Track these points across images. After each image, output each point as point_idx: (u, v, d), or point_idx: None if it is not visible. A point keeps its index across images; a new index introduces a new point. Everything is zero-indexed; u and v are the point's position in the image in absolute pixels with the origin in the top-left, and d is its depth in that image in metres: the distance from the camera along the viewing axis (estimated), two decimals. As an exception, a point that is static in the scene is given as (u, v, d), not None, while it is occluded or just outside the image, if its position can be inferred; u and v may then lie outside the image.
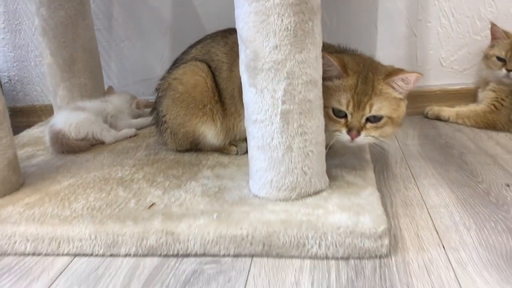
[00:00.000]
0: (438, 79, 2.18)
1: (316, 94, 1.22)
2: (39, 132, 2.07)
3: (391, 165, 1.67)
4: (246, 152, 1.56)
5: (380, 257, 1.12)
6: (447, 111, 2.08)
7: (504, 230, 1.21)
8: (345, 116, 1.32)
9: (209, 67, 1.59)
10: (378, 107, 1.29)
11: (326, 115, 1.31)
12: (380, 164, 1.66)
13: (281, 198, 1.26)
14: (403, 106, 1.35)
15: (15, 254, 1.25)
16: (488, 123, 1.95)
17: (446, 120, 2.08)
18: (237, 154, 1.65)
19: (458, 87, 2.17)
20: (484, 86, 2.03)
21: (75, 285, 1.11)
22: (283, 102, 1.18)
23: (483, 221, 1.26)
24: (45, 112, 2.40)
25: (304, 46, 1.15)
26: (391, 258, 1.12)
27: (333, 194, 1.28)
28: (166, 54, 2.28)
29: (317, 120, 1.25)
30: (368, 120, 1.31)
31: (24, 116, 2.33)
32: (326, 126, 1.31)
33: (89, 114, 1.82)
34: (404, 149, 1.81)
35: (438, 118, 2.10)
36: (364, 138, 1.32)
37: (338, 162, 1.50)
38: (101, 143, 1.84)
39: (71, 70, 1.98)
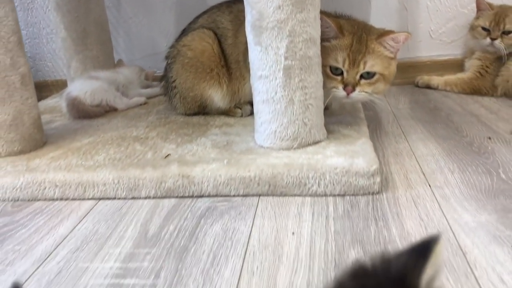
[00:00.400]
0: (428, 51, 2.32)
1: (315, 51, 1.36)
2: (54, 102, 2.20)
3: (383, 124, 1.81)
4: (250, 114, 1.71)
5: (373, 193, 1.27)
6: (436, 79, 2.22)
7: (483, 172, 1.36)
8: (341, 73, 1.45)
9: (215, 34, 1.73)
10: (371, 64, 1.43)
11: (324, 73, 1.45)
12: (374, 124, 1.80)
13: (284, 147, 1.40)
14: (393, 64, 1.49)
15: (45, 199, 1.39)
16: (474, 89, 2.10)
17: (435, 88, 2.22)
18: (241, 116, 1.78)
19: (446, 57, 2.31)
20: (470, 56, 2.17)
21: (102, 221, 1.25)
22: (286, 58, 1.32)
23: (465, 165, 1.41)
24: (56, 87, 2.52)
25: (304, 6, 1.29)
26: (382, 194, 1.27)
27: (331, 144, 1.42)
28: (171, 30, 2.41)
29: (316, 76, 1.38)
30: (362, 77, 1.45)
31: (36, 91, 2.45)
32: (324, 83, 1.45)
33: (102, 82, 1.94)
34: (396, 112, 1.95)
35: (428, 87, 2.24)
36: (358, 94, 1.46)
37: (335, 120, 1.64)
38: (114, 110, 1.97)
39: (84, 43, 2.10)
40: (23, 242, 1.17)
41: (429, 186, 1.30)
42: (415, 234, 1.07)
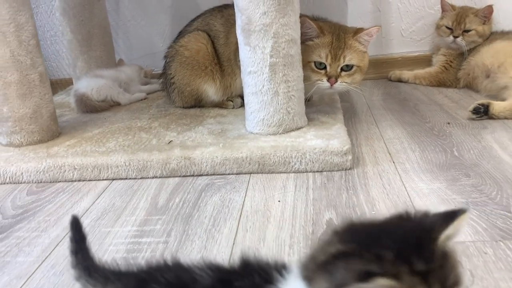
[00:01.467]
0: (399, 48, 2.57)
1: (296, 50, 1.59)
2: (61, 99, 2.41)
3: (358, 114, 2.05)
4: (241, 106, 1.94)
5: (346, 169, 1.51)
6: (407, 74, 2.47)
7: (440, 151, 1.60)
8: (325, 67, 1.68)
9: (209, 36, 1.95)
10: (350, 58, 1.67)
11: (310, 69, 1.69)
12: (349, 114, 2.04)
13: (271, 132, 1.64)
14: (366, 57, 1.74)
15: (65, 181, 1.61)
16: (440, 82, 2.35)
17: (406, 82, 2.46)
18: (233, 108, 2.01)
19: (416, 54, 2.56)
20: (437, 52, 2.42)
21: (117, 196, 1.47)
22: (271, 56, 1.55)
23: (425, 146, 1.65)
24: (60, 85, 2.72)
25: (286, 12, 1.52)
26: (353, 169, 1.51)
27: (311, 129, 1.66)
28: (167, 31, 2.63)
29: (297, 71, 1.62)
30: (342, 69, 1.69)
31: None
32: (309, 77, 1.69)
33: (107, 80, 2.16)
34: (370, 103, 2.20)
35: (399, 80, 2.49)
36: (340, 84, 1.70)
37: (315, 110, 1.87)
38: (118, 104, 2.18)
39: (88, 44, 2.32)
40: (51, 215, 1.39)
41: (393, 162, 1.53)
42: (378, 199, 1.31)
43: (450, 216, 0.53)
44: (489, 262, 1.01)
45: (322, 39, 1.67)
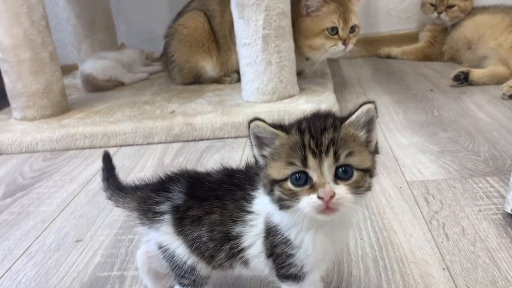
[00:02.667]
0: (387, 26, 2.70)
1: (286, 22, 1.73)
2: (67, 81, 2.53)
3: (348, 86, 2.18)
4: (237, 81, 2.07)
5: (335, 129, 1.64)
6: (395, 50, 2.61)
7: (422, 112, 1.74)
8: (336, 33, 1.81)
9: (206, 15, 2.09)
10: (354, 19, 1.82)
11: (324, 37, 1.81)
12: (340, 86, 2.17)
13: (265, 100, 1.77)
14: None
15: (77, 148, 1.74)
16: (426, 56, 2.48)
17: (394, 58, 2.60)
18: (230, 83, 2.14)
19: (403, 31, 2.70)
20: (422, 28, 2.55)
21: (126, 159, 1.61)
22: (263, 28, 1.69)
23: (408, 109, 1.79)
24: (64, 71, 2.83)
25: (276, -14, 1.66)
26: (342, 130, 1.64)
27: (302, 96, 1.79)
28: (165, 16, 2.75)
29: (288, 42, 1.75)
30: (349, 32, 1.82)
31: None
32: (323, 46, 1.82)
33: (111, 61, 2.29)
34: (360, 77, 2.33)
35: (388, 57, 2.63)
36: (351, 45, 1.83)
37: (308, 82, 2.00)
38: (121, 84, 2.32)
39: (92, 28, 2.45)
40: (66, 175, 1.53)
41: (379, 123, 1.66)
42: (363, 151, 1.44)
43: (357, 108, 0.66)
44: (457, 194, 1.15)
45: (328, 7, 1.80)
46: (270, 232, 0.71)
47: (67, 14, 2.44)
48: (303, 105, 1.68)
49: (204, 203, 0.76)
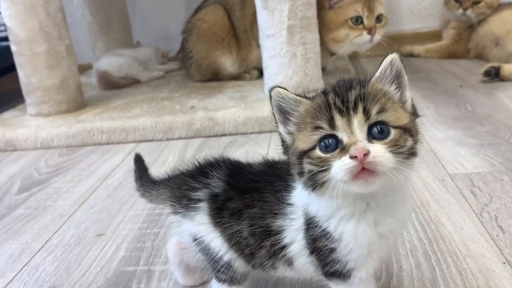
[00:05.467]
0: (409, 24, 2.63)
1: (312, 13, 1.66)
2: (82, 79, 2.48)
3: (372, 82, 2.11)
4: (258, 78, 2.00)
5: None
6: (417, 48, 2.53)
7: (454, 107, 1.66)
8: (361, 22, 1.74)
9: (225, 9, 2.02)
10: (380, 8, 1.76)
11: (347, 27, 1.76)
12: (364, 83, 2.10)
13: (290, 95, 1.69)
14: None
15: (94, 144, 1.67)
16: (450, 54, 2.40)
17: (417, 56, 2.52)
18: (250, 80, 2.07)
19: (426, 29, 2.62)
20: (446, 26, 2.47)
21: (146, 154, 1.50)
22: (289, 19, 1.62)
23: (440, 104, 1.71)
24: (80, 70, 2.80)
25: (302, -25, 1.59)
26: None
27: (328, 91, 1.72)
28: (182, 15, 2.70)
29: (314, 34, 1.68)
30: (376, 21, 1.76)
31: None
32: (348, 36, 1.76)
33: (126, 58, 2.23)
34: (383, 74, 2.25)
35: (411, 55, 2.54)
36: (378, 35, 1.77)
37: (331, 77, 1.92)
38: (137, 82, 2.25)
39: (107, 26, 2.40)
40: (84, 170, 1.46)
41: (409, 118, 1.59)
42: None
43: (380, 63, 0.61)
44: (505, 186, 1.07)
45: None
46: (310, 225, 0.63)
47: (81, 11, 2.39)
48: (330, 99, 1.60)
49: (244, 195, 0.69)
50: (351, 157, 0.53)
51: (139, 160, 0.90)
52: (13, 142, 1.67)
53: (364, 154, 0.52)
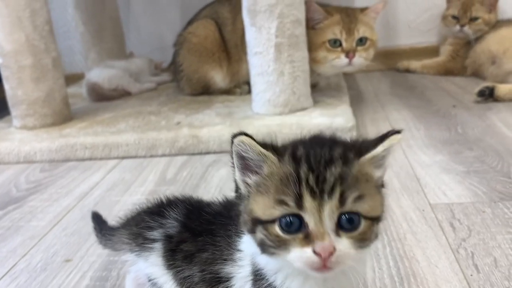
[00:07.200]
0: (407, 39, 2.59)
1: (300, 31, 1.63)
2: (73, 90, 2.45)
3: (365, 100, 2.07)
4: (248, 92, 1.97)
5: (350, 145, 1.53)
6: (414, 64, 2.49)
7: (445, 129, 1.62)
8: (340, 45, 1.71)
9: (217, 23, 2.00)
10: (363, 30, 1.70)
11: (325, 49, 1.71)
12: (356, 100, 2.06)
13: (277, 113, 1.67)
14: (376, 33, 1.76)
15: (76, 160, 1.65)
16: (447, 70, 2.36)
17: (414, 72, 2.49)
18: (240, 94, 2.04)
19: (424, 45, 2.58)
20: (443, 42, 2.44)
21: (127, 172, 1.51)
22: (276, 37, 1.59)
23: (430, 125, 1.67)
24: (72, 79, 2.77)
25: (290, -8, 1.56)
26: (358, 145, 1.53)
27: (316, 109, 1.69)
28: (176, 25, 2.67)
29: (302, 52, 1.65)
30: (357, 44, 1.71)
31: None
32: (326, 58, 1.72)
33: (118, 70, 2.21)
34: (377, 91, 2.22)
35: (407, 71, 2.51)
36: (358, 59, 1.71)
37: (322, 94, 1.90)
38: (128, 94, 2.23)
39: (100, 36, 2.38)
40: (63, 187, 1.43)
41: (398, 139, 1.55)
42: (381, 169, 1.33)
43: (381, 138, 0.54)
44: (487, 219, 1.03)
45: (331, 19, 1.71)
46: (257, 276, 0.59)
47: (75, 21, 2.37)
48: (317, 118, 1.57)
49: (198, 238, 0.65)
50: (315, 252, 0.49)
51: (96, 217, 0.90)
52: (-4, 155, 1.65)
53: (329, 253, 0.48)
